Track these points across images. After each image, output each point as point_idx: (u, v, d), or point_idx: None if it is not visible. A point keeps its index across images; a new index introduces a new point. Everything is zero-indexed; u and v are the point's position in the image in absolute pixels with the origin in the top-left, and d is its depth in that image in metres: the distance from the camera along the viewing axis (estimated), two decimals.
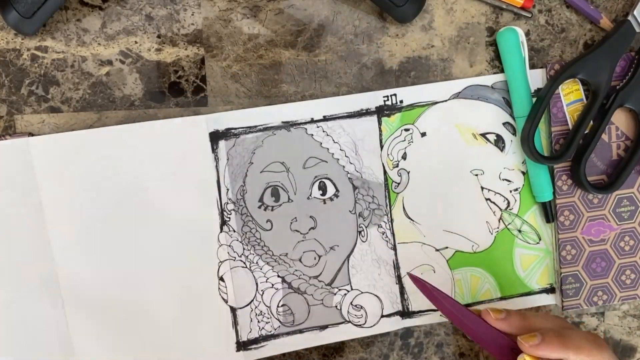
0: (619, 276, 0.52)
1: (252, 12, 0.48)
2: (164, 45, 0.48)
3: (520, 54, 0.49)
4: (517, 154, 0.51)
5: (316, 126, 0.49)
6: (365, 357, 0.53)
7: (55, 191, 0.47)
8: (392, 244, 0.51)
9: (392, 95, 0.50)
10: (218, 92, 0.49)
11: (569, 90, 0.50)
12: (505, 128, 0.51)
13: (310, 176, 0.49)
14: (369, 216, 0.50)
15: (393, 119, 0.50)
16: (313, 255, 0.50)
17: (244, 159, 0.49)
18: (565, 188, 0.51)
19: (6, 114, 0.47)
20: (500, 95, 0.51)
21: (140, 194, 0.48)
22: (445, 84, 0.50)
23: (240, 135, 0.48)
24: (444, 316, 0.47)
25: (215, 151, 0.48)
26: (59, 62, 0.47)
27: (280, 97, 0.49)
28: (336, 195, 0.50)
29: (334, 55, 0.49)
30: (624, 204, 0.52)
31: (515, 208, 0.52)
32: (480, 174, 0.51)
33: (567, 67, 0.48)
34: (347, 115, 0.49)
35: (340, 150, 0.49)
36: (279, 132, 0.49)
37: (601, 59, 0.48)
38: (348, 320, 0.51)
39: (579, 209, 0.51)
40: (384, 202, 0.51)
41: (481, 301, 0.52)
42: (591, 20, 0.51)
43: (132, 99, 0.48)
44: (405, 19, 0.48)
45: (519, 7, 0.50)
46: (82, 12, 0.47)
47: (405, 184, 0.51)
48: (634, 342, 0.55)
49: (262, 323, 0.50)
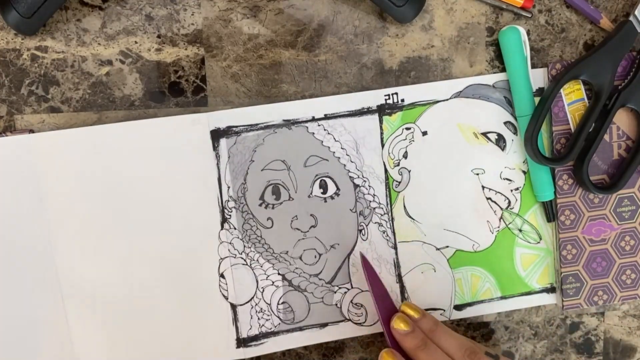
0: (620, 276, 0.52)
1: (252, 12, 0.48)
2: (164, 45, 0.48)
3: (523, 53, 0.49)
4: (518, 153, 0.51)
5: (317, 124, 0.49)
6: (365, 357, 0.53)
7: (56, 188, 0.47)
8: (393, 243, 0.51)
9: (393, 94, 0.50)
10: (218, 92, 0.49)
11: (570, 89, 0.50)
12: (506, 127, 0.51)
13: (311, 174, 0.50)
14: (369, 215, 0.51)
15: (394, 117, 0.50)
16: (313, 253, 0.50)
17: (245, 156, 0.49)
18: (566, 188, 0.51)
19: (6, 114, 0.47)
20: (502, 94, 0.51)
21: (141, 191, 0.48)
22: (446, 82, 0.50)
23: (241, 133, 0.48)
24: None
25: (216, 149, 0.48)
26: (59, 62, 0.47)
27: (280, 97, 0.49)
28: (337, 194, 0.50)
29: (334, 55, 0.49)
30: (625, 203, 0.52)
31: (516, 207, 0.52)
32: (481, 173, 0.51)
33: (570, 69, 0.48)
34: (348, 113, 0.49)
35: (341, 149, 0.50)
36: (280, 131, 0.49)
37: (603, 59, 0.48)
38: (348, 319, 0.51)
39: (580, 208, 0.51)
40: (385, 200, 0.51)
41: (481, 300, 0.52)
42: (591, 20, 0.51)
43: (132, 99, 0.48)
44: (405, 19, 0.48)
45: (519, 7, 0.50)
46: (82, 12, 0.47)
47: (406, 182, 0.51)
48: (634, 342, 0.55)
49: (262, 320, 0.50)
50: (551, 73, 0.50)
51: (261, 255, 0.50)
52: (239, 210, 0.49)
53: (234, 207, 0.49)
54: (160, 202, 0.48)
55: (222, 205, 0.49)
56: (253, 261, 0.50)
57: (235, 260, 0.50)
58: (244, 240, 0.49)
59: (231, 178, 0.49)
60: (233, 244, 0.49)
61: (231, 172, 0.49)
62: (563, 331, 0.54)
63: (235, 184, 0.49)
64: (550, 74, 0.50)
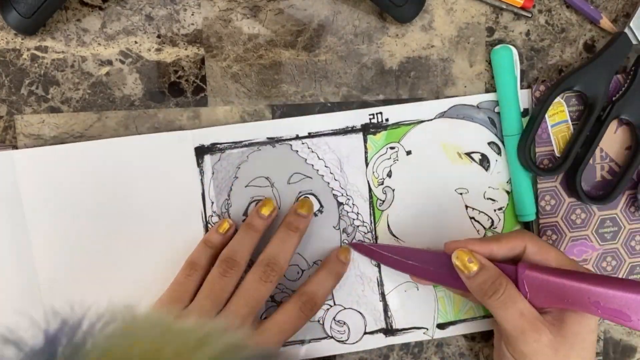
0: None
1: (252, 12, 0.48)
2: (164, 45, 0.48)
3: (513, 72, 0.49)
4: (502, 173, 0.52)
5: (301, 143, 0.49)
6: (365, 357, 0.53)
7: (38, 204, 0.47)
8: (376, 261, 0.51)
9: (377, 113, 0.50)
10: (218, 92, 0.49)
11: (554, 111, 0.51)
12: (490, 147, 0.51)
13: (294, 191, 0.50)
14: (353, 232, 0.51)
15: (379, 137, 0.50)
16: (296, 269, 0.50)
17: (229, 173, 0.49)
18: (548, 208, 0.51)
19: (6, 114, 0.47)
20: (486, 115, 0.51)
21: (124, 207, 0.48)
22: (430, 103, 0.50)
23: (225, 150, 0.49)
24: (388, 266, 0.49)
25: (200, 165, 0.49)
26: (59, 62, 0.47)
27: (280, 97, 0.49)
28: (320, 211, 0.50)
29: (334, 55, 0.50)
30: (607, 224, 0.52)
31: (500, 227, 0.52)
32: (464, 193, 0.51)
33: (564, 79, 0.49)
34: (332, 132, 0.50)
35: (325, 167, 0.50)
36: (264, 148, 0.49)
37: (597, 71, 0.49)
38: (331, 336, 0.51)
39: (562, 229, 0.52)
40: (369, 219, 0.51)
41: (464, 319, 0.53)
42: (591, 20, 0.51)
43: (132, 99, 0.48)
44: (405, 19, 0.48)
45: (519, 7, 0.50)
46: (82, 12, 0.47)
47: (390, 201, 0.51)
48: (634, 342, 0.55)
49: None
50: (535, 95, 0.50)
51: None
52: None
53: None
54: (144, 216, 0.48)
55: (205, 220, 0.49)
56: None
57: None
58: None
59: (215, 194, 0.49)
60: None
61: (215, 187, 0.49)
62: None
63: (219, 199, 0.49)
64: (534, 95, 0.50)
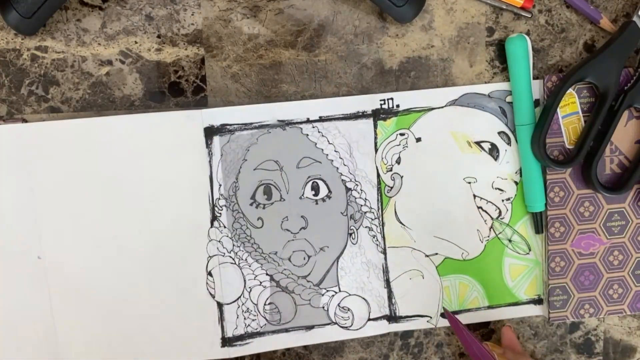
0: (607, 290, 0.52)
1: (252, 12, 0.48)
2: (164, 45, 0.48)
3: (527, 62, 0.49)
4: (511, 163, 0.51)
5: (312, 126, 0.49)
6: (365, 357, 0.52)
7: (47, 179, 0.47)
8: (382, 248, 0.51)
9: (389, 99, 0.50)
10: (218, 92, 0.48)
11: (565, 102, 0.50)
12: (500, 137, 0.51)
13: (303, 176, 0.49)
14: (360, 219, 0.50)
15: (389, 122, 0.50)
16: (302, 255, 0.50)
17: (238, 155, 0.49)
18: (557, 200, 0.51)
19: (6, 114, 0.47)
20: (497, 104, 0.51)
21: (132, 185, 0.48)
22: (442, 90, 0.50)
23: (235, 131, 0.48)
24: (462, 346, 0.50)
25: (209, 146, 0.48)
26: (59, 62, 0.47)
27: (280, 97, 0.49)
28: (328, 196, 0.50)
29: (334, 55, 0.49)
30: (615, 218, 0.52)
31: (507, 217, 0.52)
32: (473, 182, 0.51)
33: (576, 70, 0.48)
34: (343, 117, 0.49)
35: (334, 152, 0.50)
36: (274, 131, 0.49)
37: (608, 61, 0.48)
38: (335, 322, 0.51)
39: (570, 221, 0.51)
40: (376, 205, 0.51)
41: (468, 309, 0.52)
42: (591, 20, 0.51)
43: (132, 99, 0.48)
44: (405, 19, 0.48)
45: (519, 7, 0.50)
46: (82, 12, 0.47)
47: (398, 188, 0.51)
48: (634, 342, 0.55)
49: (248, 320, 0.50)
50: (547, 85, 0.50)
51: (250, 255, 0.50)
52: (230, 208, 0.49)
53: (224, 206, 0.49)
54: (151, 197, 0.48)
55: (212, 203, 0.49)
56: (241, 260, 0.50)
57: (223, 258, 0.49)
58: (233, 239, 0.49)
59: (223, 176, 0.49)
60: (222, 242, 0.49)
61: (223, 170, 0.49)
62: (563, 331, 0.54)
63: (226, 182, 0.49)
64: (545, 85, 0.50)
